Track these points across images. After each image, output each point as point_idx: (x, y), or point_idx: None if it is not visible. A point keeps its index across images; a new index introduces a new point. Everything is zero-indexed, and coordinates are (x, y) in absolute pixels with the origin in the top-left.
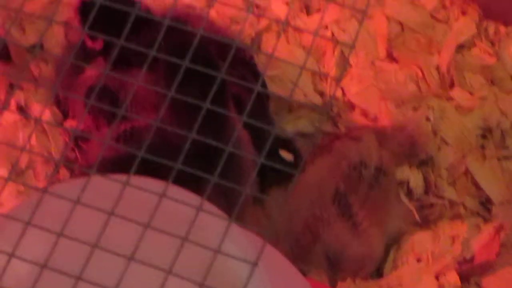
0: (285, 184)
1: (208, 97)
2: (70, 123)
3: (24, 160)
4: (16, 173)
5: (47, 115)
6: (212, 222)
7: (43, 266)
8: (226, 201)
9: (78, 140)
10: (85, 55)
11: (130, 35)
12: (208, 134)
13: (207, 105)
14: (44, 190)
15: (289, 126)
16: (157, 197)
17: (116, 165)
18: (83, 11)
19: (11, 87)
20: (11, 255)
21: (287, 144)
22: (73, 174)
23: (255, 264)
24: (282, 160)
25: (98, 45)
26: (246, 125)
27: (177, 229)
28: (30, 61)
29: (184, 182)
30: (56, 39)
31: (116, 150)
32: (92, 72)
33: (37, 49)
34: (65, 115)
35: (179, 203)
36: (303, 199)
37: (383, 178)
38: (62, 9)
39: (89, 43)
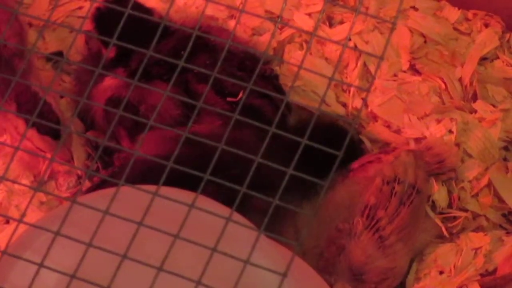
0: (314, 198)
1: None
2: (92, 134)
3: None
4: (39, 184)
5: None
6: (241, 233)
7: (72, 276)
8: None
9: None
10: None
11: (149, 45)
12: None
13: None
14: (74, 200)
15: None
16: (186, 207)
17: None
18: (98, 18)
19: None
20: (40, 265)
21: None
22: (95, 184)
23: (284, 275)
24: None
25: (111, 53)
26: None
27: (207, 240)
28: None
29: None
30: (76, 47)
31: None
32: (111, 82)
33: (61, 58)
34: (87, 126)
35: (208, 214)
36: (332, 217)
37: (416, 196)
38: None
39: (103, 50)
